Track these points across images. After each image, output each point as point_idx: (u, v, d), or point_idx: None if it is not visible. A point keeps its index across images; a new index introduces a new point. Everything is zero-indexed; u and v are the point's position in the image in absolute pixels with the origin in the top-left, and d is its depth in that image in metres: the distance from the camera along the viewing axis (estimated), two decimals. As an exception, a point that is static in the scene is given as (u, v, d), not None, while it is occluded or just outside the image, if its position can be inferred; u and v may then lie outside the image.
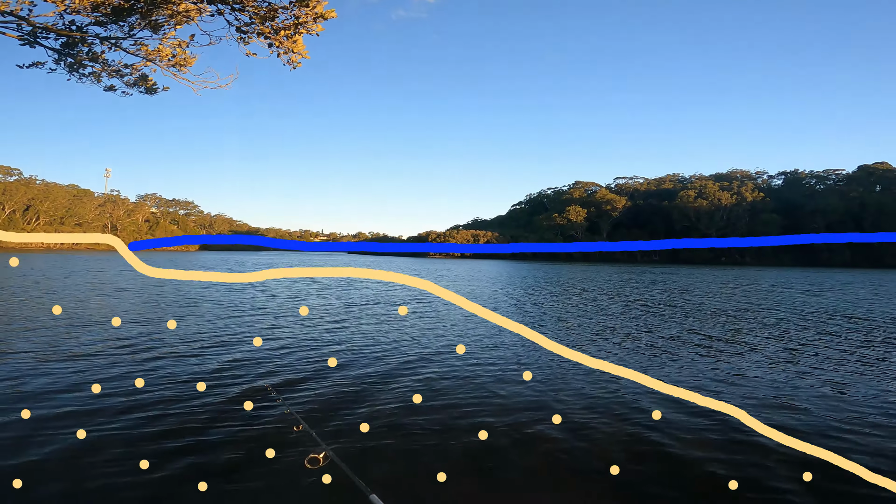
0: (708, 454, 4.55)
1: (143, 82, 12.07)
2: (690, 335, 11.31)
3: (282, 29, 10.30)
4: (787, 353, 9.38)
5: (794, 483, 4.01)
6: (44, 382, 5.49)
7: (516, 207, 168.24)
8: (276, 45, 10.39)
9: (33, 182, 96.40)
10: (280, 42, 10.36)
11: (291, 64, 10.61)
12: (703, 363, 8.40)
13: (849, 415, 5.76)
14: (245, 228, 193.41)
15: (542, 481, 3.98)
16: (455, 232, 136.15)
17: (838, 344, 10.31)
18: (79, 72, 10.95)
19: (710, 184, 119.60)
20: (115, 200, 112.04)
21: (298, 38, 9.97)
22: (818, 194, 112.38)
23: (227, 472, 3.91)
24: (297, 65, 10.71)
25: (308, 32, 10.69)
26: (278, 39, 10.39)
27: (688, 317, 14.42)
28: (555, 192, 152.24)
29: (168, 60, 11.13)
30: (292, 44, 10.13)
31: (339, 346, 7.69)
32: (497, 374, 6.58)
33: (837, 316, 15.35)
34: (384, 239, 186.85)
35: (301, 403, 5.33)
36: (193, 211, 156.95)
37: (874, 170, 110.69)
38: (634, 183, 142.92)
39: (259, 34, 10.45)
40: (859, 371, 7.77)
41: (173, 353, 6.77)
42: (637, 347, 9.33)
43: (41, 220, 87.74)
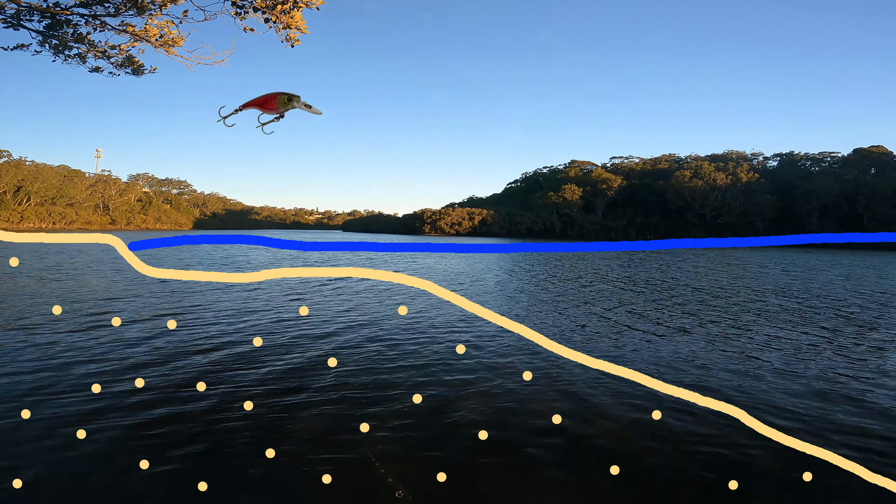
0: (708, 454, 4.58)
1: (130, 63, 11.80)
2: (684, 320, 11.36)
3: (279, 3, 9.99)
4: (779, 343, 9.44)
5: (794, 483, 4.01)
6: (44, 382, 5.48)
7: (512, 186, 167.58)
8: (274, 21, 10.09)
9: (23, 163, 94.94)
10: (277, 17, 10.06)
11: (289, 41, 10.30)
12: (700, 353, 8.45)
13: (849, 414, 5.78)
14: (239, 206, 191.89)
15: (543, 481, 4.01)
16: (450, 209, 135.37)
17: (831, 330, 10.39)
18: (64, 53, 10.68)
19: (705, 164, 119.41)
20: (106, 180, 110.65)
21: (297, 13, 9.67)
22: (813, 176, 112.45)
23: (227, 473, 3.93)
24: (296, 42, 10.38)
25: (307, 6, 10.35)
26: (275, 14, 10.09)
27: (684, 298, 14.51)
28: (551, 171, 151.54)
29: (156, 40, 10.86)
30: (290, 18, 9.83)
31: (339, 345, 7.65)
32: (497, 374, 6.56)
33: (829, 299, 15.44)
34: (379, 216, 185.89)
35: (302, 403, 5.32)
36: (186, 190, 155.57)
37: (869, 153, 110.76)
38: (630, 163, 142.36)
39: (255, 9, 10.14)
40: (860, 369, 7.79)
41: (173, 353, 6.75)
42: (636, 339, 9.37)
43: (32, 200, 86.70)
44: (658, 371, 7.14)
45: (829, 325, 11.16)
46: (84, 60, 10.94)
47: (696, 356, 8.01)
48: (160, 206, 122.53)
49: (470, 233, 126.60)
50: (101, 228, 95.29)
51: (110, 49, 11.23)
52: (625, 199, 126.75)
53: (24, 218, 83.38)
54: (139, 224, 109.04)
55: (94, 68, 11.58)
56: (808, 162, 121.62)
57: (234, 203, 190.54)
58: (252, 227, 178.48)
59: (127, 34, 10.86)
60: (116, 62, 11.61)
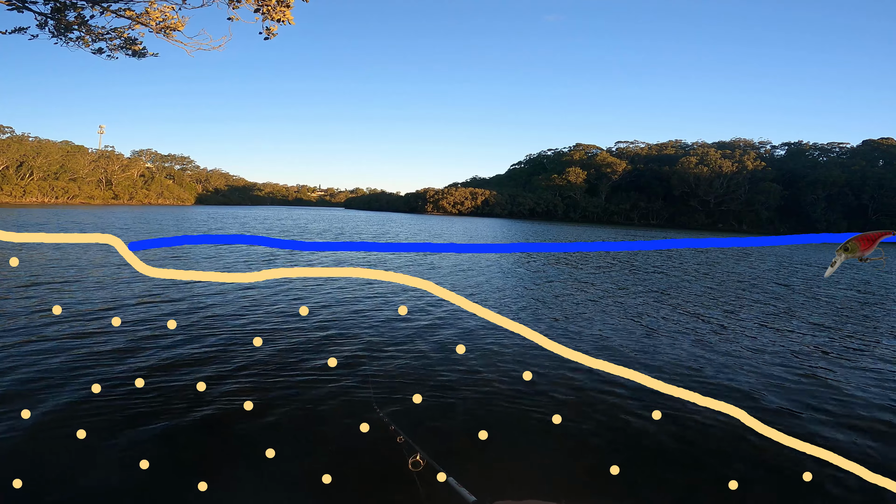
0: (708, 454, 4.61)
1: (131, 46, 11.69)
2: (684, 319, 11.39)
3: (276, -3, 9.90)
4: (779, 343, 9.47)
5: (794, 483, 4.02)
6: (44, 382, 5.48)
7: (516, 167, 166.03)
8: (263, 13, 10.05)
9: (26, 139, 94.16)
10: (269, 10, 10.00)
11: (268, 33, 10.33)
12: (700, 353, 8.49)
13: (850, 414, 5.82)
14: (242, 183, 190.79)
15: (542, 481, 4.05)
16: (453, 189, 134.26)
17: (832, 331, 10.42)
18: (66, 36, 10.55)
19: (711, 151, 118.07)
20: (109, 156, 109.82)
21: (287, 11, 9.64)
22: (820, 166, 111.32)
23: (227, 473, 3.99)
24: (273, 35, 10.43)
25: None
26: (268, 6, 10.00)
27: (684, 296, 14.54)
28: (555, 154, 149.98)
29: (157, 24, 10.75)
30: (279, 13, 9.79)
31: (339, 345, 7.66)
32: (497, 374, 6.55)
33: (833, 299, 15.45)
34: (381, 195, 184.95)
35: (302, 403, 5.36)
36: (189, 166, 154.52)
37: (878, 144, 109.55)
38: (636, 147, 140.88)
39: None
40: (861, 369, 7.83)
41: (173, 354, 6.76)
42: (636, 339, 9.42)
43: (34, 175, 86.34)
44: (658, 371, 7.17)
45: (830, 325, 11.18)
46: (87, 44, 10.83)
47: (696, 356, 8.06)
48: (163, 181, 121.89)
49: (472, 212, 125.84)
50: (104, 203, 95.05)
51: (111, 31, 11.12)
52: (629, 184, 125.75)
53: (27, 192, 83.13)
54: (141, 199, 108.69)
55: (96, 50, 11.48)
56: (817, 152, 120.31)
57: (236, 179, 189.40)
58: (254, 202, 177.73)
59: (127, 18, 10.74)
60: (117, 45, 11.50)
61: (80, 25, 10.29)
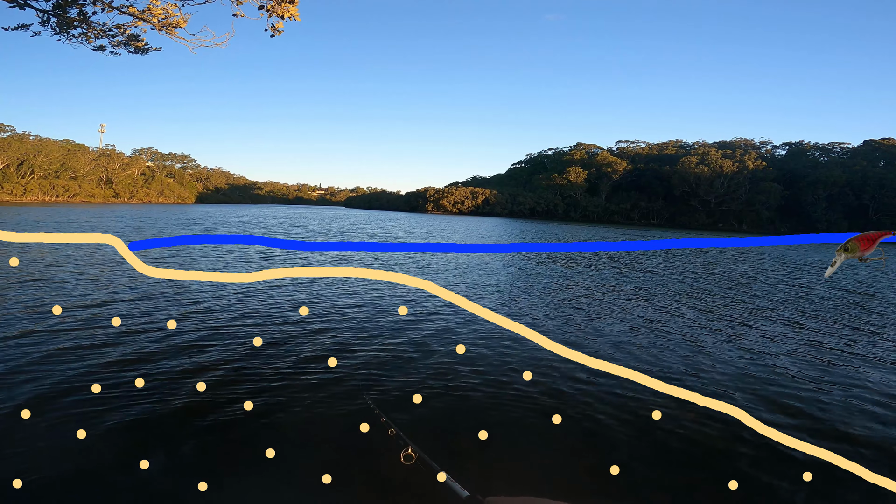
0: (708, 454, 4.61)
1: (134, 42, 11.67)
2: (684, 318, 11.39)
3: (280, -8, 9.85)
4: (779, 343, 9.47)
5: (794, 483, 4.05)
6: (44, 382, 5.47)
7: (516, 166, 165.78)
8: (268, 9, 10.01)
9: (27, 137, 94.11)
10: (273, 6, 9.96)
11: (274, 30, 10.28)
12: (700, 353, 8.48)
13: (850, 414, 5.82)
14: (242, 181, 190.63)
15: (542, 481, 4.05)
16: (454, 188, 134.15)
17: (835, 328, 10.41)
18: (68, 33, 10.53)
19: (712, 151, 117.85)
20: (109, 154, 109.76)
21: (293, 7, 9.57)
22: (821, 166, 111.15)
23: (227, 473, 3.99)
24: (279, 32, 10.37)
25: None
26: (273, 2, 9.96)
27: (684, 295, 14.54)
28: (555, 153, 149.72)
29: (159, 21, 10.72)
30: (284, 10, 9.74)
31: (339, 345, 7.65)
32: (497, 374, 6.55)
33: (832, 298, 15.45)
34: (382, 194, 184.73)
35: (302, 403, 5.36)
36: (190, 165, 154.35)
37: (879, 145, 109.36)
38: (636, 147, 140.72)
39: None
40: (861, 369, 7.83)
41: (173, 354, 6.75)
42: (636, 339, 9.41)
43: (35, 174, 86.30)
44: (658, 371, 7.18)
45: (830, 325, 11.19)
46: (90, 40, 10.81)
47: (696, 356, 8.07)
48: (163, 180, 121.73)
49: (473, 212, 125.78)
50: (105, 202, 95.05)
51: (114, 28, 11.10)
52: (629, 183, 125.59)
53: (28, 191, 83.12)
54: (142, 198, 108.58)
55: (98, 47, 11.46)
56: (818, 152, 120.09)
57: (237, 178, 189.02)
58: (255, 201, 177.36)
59: (130, 15, 10.72)
60: (119, 41, 11.48)
61: (82, 22, 10.26)
